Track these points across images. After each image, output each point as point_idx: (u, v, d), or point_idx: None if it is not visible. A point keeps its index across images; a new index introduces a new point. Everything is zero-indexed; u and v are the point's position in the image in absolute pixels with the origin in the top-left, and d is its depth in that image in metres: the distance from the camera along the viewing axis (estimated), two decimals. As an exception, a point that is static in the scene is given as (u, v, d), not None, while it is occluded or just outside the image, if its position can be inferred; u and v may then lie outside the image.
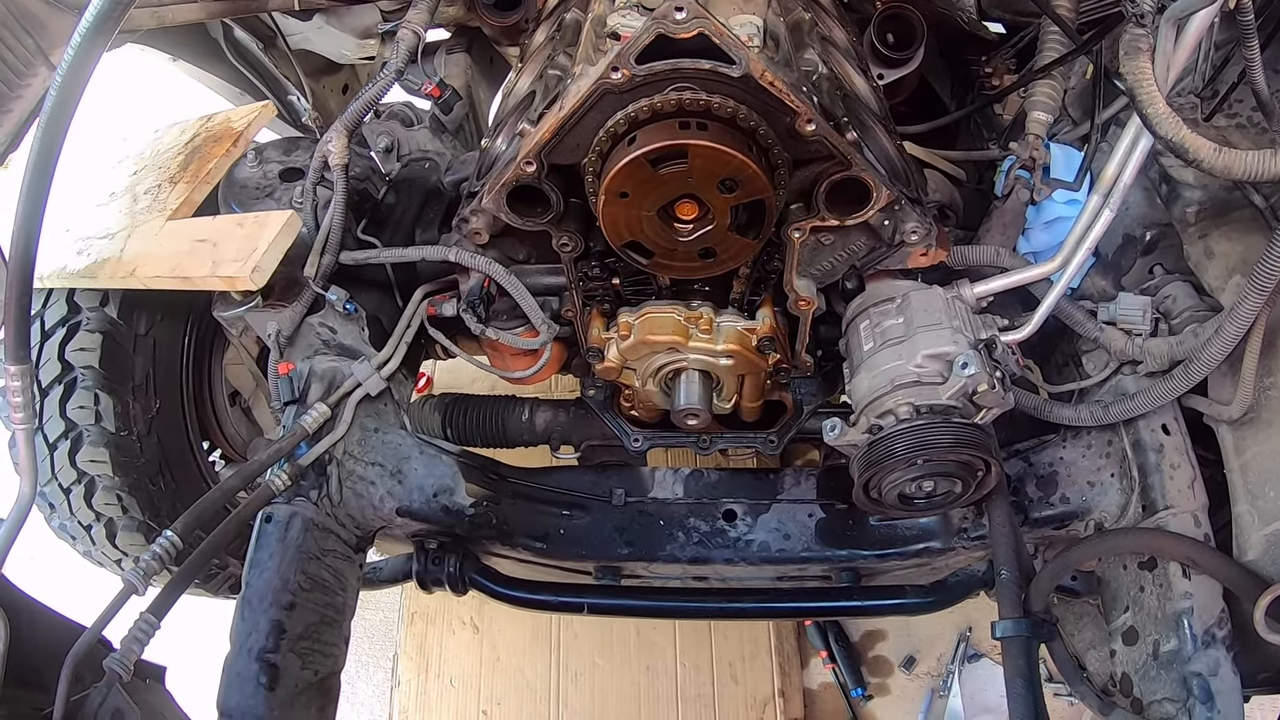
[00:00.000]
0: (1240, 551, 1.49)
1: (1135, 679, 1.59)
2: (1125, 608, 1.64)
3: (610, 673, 2.79)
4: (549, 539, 1.83)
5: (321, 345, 1.78)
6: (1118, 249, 1.78)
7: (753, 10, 1.57)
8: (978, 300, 1.62)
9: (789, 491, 1.86)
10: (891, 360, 1.50)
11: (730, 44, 1.28)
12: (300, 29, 2.48)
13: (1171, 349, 1.60)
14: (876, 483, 1.52)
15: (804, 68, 1.56)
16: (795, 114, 1.33)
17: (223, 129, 2.04)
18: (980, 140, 2.16)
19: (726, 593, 1.96)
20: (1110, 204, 1.56)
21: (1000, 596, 1.52)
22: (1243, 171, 1.32)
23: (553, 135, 1.39)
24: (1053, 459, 1.75)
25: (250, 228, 1.73)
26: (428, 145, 2.14)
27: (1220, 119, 1.65)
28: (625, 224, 1.41)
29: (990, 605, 1.57)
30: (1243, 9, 1.34)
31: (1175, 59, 1.38)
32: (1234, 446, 1.55)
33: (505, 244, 1.69)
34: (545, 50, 1.81)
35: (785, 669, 2.80)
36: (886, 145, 1.58)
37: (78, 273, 1.89)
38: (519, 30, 2.23)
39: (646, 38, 1.28)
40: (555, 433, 2.06)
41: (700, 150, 1.28)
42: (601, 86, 1.32)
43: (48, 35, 1.89)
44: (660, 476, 1.89)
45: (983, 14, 2.03)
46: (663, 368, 1.76)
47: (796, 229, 1.48)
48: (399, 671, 2.87)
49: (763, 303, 1.69)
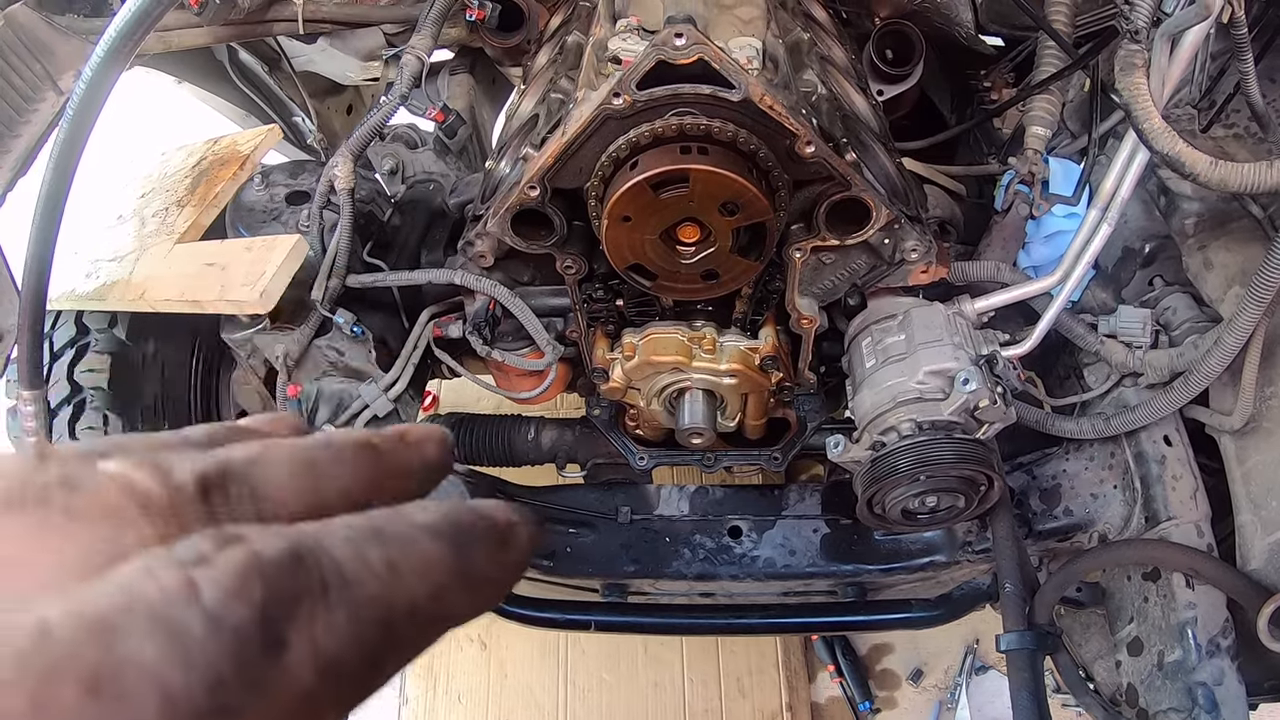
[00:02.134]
0: (1243, 561, 1.50)
1: (1141, 689, 1.60)
2: (1130, 619, 1.64)
3: (618, 688, 2.79)
4: (556, 557, 1.84)
5: (329, 367, 1.79)
6: (1117, 262, 1.79)
7: (752, 32, 1.59)
8: (979, 315, 1.63)
9: (794, 507, 1.87)
10: (894, 377, 1.51)
11: (729, 69, 1.29)
12: (304, 51, 2.50)
13: (1172, 361, 1.61)
14: (880, 499, 1.53)
15: (803, 89, 1.58)
16: (795, 136, 1.34)
17: (229, 152, 2.06)
18: (980, 155, 2.17)
19: (733, 608, 1.97)
20: (1109, 217, 1.57)
21: (1004, 609, 1.53)
22: (1239, 184, 1.33)
23: (555, 160, 1.40)
24: (1056, 471, 1.76)
25: (258, 251, 1.75)
26: (432, 167, 2.15)
27: (1218, 130, 1.66)
28: (628, 247, 1.43)
29: (997, 617, 1.57)
30: (1236, 22, 1.36)
31: (1170, 73, 1.39)
32: (1236, 456, 1.56)
33: (510, 266, 1.70)
34: (548, 73, 1.83)
35: (793, 683, 2.80)
36: (886, 164, 1.60)
37: (86, 295, 1.91)
38: (521, 51, 2.24)
39: (647, 64, 1.29)
40: (561, 451, 2.07)
41: (701, 175, 1.29)
42: (603, 112, 1.33)
43: (56, 61, 1.92)
44: (666, 494, 1.90)
45: (980, 29, 2.05)
46: (667, 387, 1.77)
47: (798, 249, 1.49)
48: (407, 689, 2.87)
49: (765, 322, 1.70)
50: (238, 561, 0.30)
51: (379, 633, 0.32)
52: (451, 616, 0.36)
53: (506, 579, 0.39)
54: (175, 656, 0.27)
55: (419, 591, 0.34)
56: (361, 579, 0.32)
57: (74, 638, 0.26)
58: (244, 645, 0.28)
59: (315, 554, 0.32)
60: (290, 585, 0.30)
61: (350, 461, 0.41)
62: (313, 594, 0.31)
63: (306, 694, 0.30)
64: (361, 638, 0.32)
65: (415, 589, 0.34)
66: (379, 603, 0.33)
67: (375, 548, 0.34)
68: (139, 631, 0.27)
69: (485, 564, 0.38)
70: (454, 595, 0.36)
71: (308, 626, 0.30)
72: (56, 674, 0.25)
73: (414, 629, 0.34)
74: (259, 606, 0.29)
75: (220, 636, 0.28)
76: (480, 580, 0.37)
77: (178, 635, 0.27)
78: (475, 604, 0.37)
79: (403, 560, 0.34)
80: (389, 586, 0.33)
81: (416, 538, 0.35)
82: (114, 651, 0.26)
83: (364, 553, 0.33)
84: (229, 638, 0.28)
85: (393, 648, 0.33)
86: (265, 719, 0.28)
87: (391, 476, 0.43)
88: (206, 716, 0.27)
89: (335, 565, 0.32)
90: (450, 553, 0.36)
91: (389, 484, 0.42)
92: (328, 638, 0.30)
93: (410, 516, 0.36)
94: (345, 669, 0.31)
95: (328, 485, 0.40)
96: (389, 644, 0.33)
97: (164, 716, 0.26)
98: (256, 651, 0.28)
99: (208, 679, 0.27)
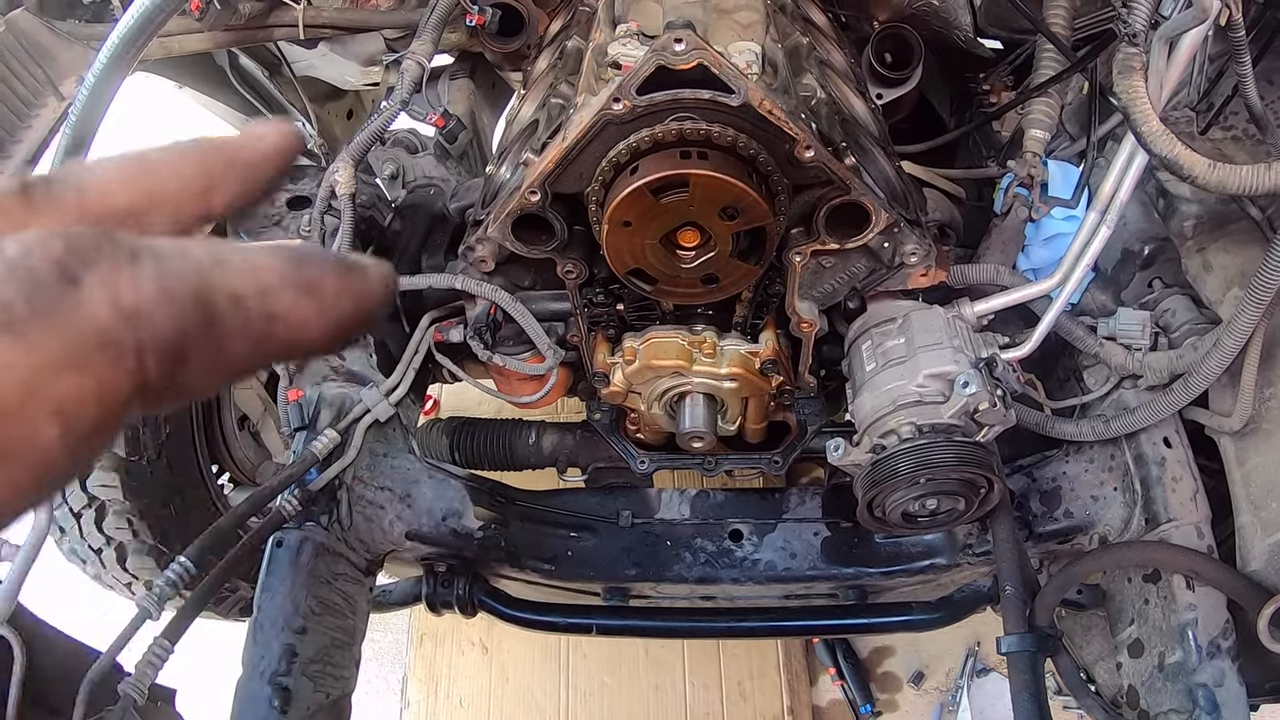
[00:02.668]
0: (1243, 562, 1.50)
1: (1142, 691, 1.60)
2: (1130, 620, 1.65)
3: (619, 692, 2.79)
4: (557, 561, 1.84)
5: (330, 372, 1.80)
6: (1116, 264, 1.80)
7: (751, 36, 1.60)
8: (978, 319, 1.64)
9: (794, 510, 1.86)
10: (893, 380, 1.51)
11: (729, 74, 1.30)
12: (305, 56, 2.51)
13: (1171, 363, 1.62)
14: (880, 502, 1.53)
15: (802, 93, 1.58)
16: (794, 141, 1.35)
17: (230, 158, 2.06)
18: (979, 158, 2.18)
19: (734, 612, 1.96)
20: (1108, 220, 1.57)
21: (1005, 612, 1.53)
22: (1238, 186, 1.33)
23: (556, 165, 1.41)
24: (1056, 474, 1.76)
25: (259, 257, 1.75)
26: (433, 171, 2.16)
27: (1216, 131, 1.67)
28: (628, 252, 1.43)
29: (998, 620, 1.57)
30: (1234, 24, 1.36)
31: (1169, 76, 1.40)
32: (1235, 457, 1.56)
33: (511, 271, 1.71)
34: (548, 78, 1.83)
35: (794, 686, 2.80)
36: (885, 167, 1.60)
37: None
38: (521, 56, 2.25)
39: (647, 69, 1.30)
40: (562, 455, 2.07)
41: (701, 179, 1.30)
42: (603, 117, 1.34)
43: (57, 67, 1.92)
44: (667, 498, 1.90)
45: (979, 32, 2.05)
46: (667, 391, 1.77)
47: (797, 253, 1.50)
48: (408, 693, 2.87)
49: (765, 326, 1.70)
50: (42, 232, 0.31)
51: (192, 305, 0.32)
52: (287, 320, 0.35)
53: (351, 300, 0.37)
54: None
55: (242, 282, 0.34)
56: (178, 256, 0.33)
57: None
58: (35, 279, 0.30)
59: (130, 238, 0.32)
60: (93, 244, 0.31)
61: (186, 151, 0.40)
62: (118, 255, 0.31)
63: (102, 332, 0.30)
64: (172, 302, 0.32)
65: (238, 279, 0.34)
66: (193, 277, 0.32)
67: (200, 245, 0.34)
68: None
69: (324, 277, 0.36)
70: (287, 299, 0.35)
71: (109, 276, 0.31)
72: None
73: (239, 320, 0.34)
74: (57, 256, 0.30)
75: (14, 274, 0.29)
76: (318, 291, 0.36)
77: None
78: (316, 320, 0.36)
79: (231, 255, 0.34)
80: (207, 268, 0.33)
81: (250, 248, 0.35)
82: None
83: (185, 246, 0.33)
84: (22, 274, 0.29)
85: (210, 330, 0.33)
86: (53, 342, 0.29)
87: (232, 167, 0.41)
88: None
89: (150, 246, 0.32)
90: (282, 259, 0.36)
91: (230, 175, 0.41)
92: (130, 290, 0.31)
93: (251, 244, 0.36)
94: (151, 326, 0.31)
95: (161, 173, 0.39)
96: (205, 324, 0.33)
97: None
98: (47, 286, 0.30)
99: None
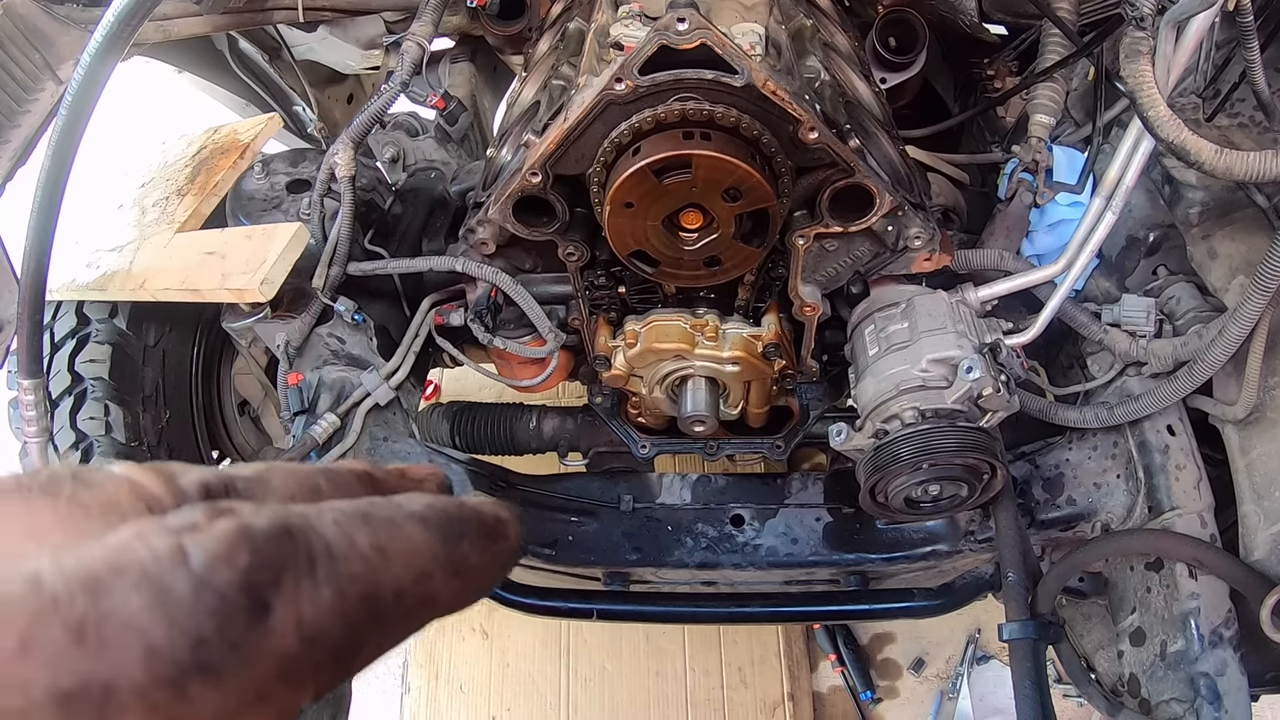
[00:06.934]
0: (1246, 551, 1.50)
1: (1143, 680, 1.59)
2: (1132, 609, 1.64)
3: (620, 678, 2.79)
4: (558, 545, 1.84)
5: (330, 356, 1.79)
6: (1121, 250, 1.78)
7: (754, 17, 1.58)
8: (982, 304, 1.63)
9: (796, 496, 1.86)
10: (896, 365, 1.50)
11: (732, 54, 1.28)
12: (305, 40, 2.50)
13: (1176, 350, 1.61)
14: (883, 487, 1.52)
15: (806, 75, 1.57)
16: (798, 122, 1.33)
17: (229, 141, 2.05)
18: (983, 143, 2.16)
19: (735, 597, 1.96)
20: (1113, 206, 1.56)
21: (1007, 599, 1.52)
22: (1244, 172, 1.32)
23: (558, 146, 1.40)
24: (1059, 461, 1.75)
25: (258, 240, 1.74)
26: (433, 155, 2.15)
27: (1223, 118, 1.65)
28: (631, 234, 1.42)
29: (999, 607, 1.57)
30: (1242, 10, 1.35)
31: (1176, 61, 1.38)
32: (1239, 446, 1.55)
33: (512, 254, 1.70)
34: (549, 60, 1.82)
35: (795, 673, 2.80)
36: (889, 151, 1.59)
37: (87, 285, 1.90)
38: (522, 39, 2.24)
39: (650, 49, 1.28)
40: (563, 440, 2.07)
41: (704, 160, 1.29)
42: (605, 98, 1.32)
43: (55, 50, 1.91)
44: (668, 482, 1.89)
45: (984, 16, 2.04)
46: (669, 375, 1.76)
47: (801, 236, 1.49)
48: (409, 678, 2.88)
49: (768, 309, 1.69)
50: (227, 529, 0.30)
51: (363, 611, 0.33)
52: (437, 603, 0.37)
53: (494, 571, 0.40)
54: (159, 612, 0.28)
55: (404, 575, 0.35)
56: (348, 557, 0.33)
57: (65, 588, 0.27)
58: (228, 607, 0.29)
59: (304, 530, 0.32)
60: (277, 555, 0.31)
61: (346, 488, 0.42)
62: (299, 566, 0.31)
63: (287, 662, 0.30)
64: (346, 613, 0.32)
65: (401, 572, 0.35)
66: (364, 581, 0.33)
67: (364, 530, 0.34)
68: (126, 587, 0.28)
69: (472, 554, 0.39)
70: (439, 582, 0.37)
71: (293, 595, 0.31)
72: (45, 618, 0.26)
73: (399, 612, 0.35)
74: (244, 572, 0.30)
75: (204, 597, 0.29)
76: (467, 569, 0.38)
77: (163, 593, 0.28)
78: (462, 593, 0.38)
79: (390, 544, 0.35)
80: (375, 568, 0.34)
81: (404, 524, 0.36)
82: (100, 603, 0.27)
83: (352, 534, 0.34)
84: (213, 599, 0.29)
85: (377, 628, 0.34)
86: (245, 681, 0.29)
87: None
88: (188, 672, 0.28)
89: (324, 542, 0.33)
90: (437, 540, 0.37)
91: None
92: (312, 609, 0.31)
93: (400, 504, 0.37)
94: (328, 642, 0.32)
95: None
96: (373, 624, 0.34)
97: (146, 667, 0.27)
98: (240, 615, 0.29)
99: (190, 636, 0.28)
